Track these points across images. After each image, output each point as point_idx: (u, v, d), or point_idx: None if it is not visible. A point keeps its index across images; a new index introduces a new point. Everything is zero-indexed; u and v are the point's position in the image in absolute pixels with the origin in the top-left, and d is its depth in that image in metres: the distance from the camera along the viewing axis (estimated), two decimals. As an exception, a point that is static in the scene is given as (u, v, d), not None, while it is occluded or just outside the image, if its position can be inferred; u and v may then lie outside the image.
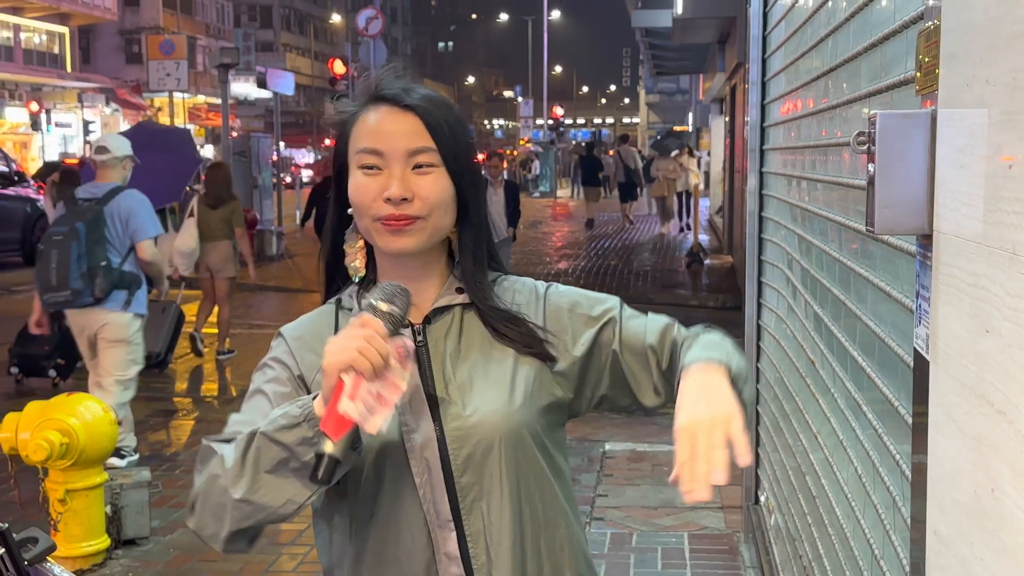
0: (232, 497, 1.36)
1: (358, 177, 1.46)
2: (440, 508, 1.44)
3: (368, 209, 1.45)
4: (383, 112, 1.47)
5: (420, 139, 1.45)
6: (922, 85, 1.50)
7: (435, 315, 1.51)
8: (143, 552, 4.55)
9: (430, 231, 1.46)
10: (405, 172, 1.44)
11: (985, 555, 1.19)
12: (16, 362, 7.52)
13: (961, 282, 1.27)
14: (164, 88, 16.90)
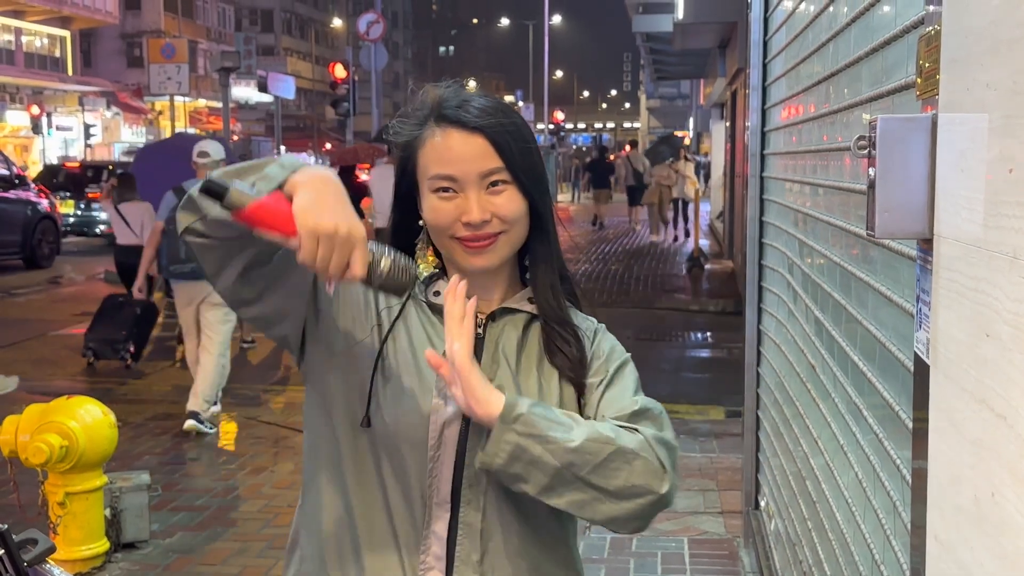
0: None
1: (433, 201, 1.49)
2: (443, 487, 1.46)
3: (447, 230, 1.49)
4: (450, 135, 1.48)
5: (491, 160, 1.48)
6: (923, 90, 1.50)
7: (501, 314, 1.54)
8: (142, 556, 4.55)
9: (509, 246, 1.51)
10: (480, 194, 1.47)
11: (985, 560, 1.19)
12: (91, 346, 8.44)
13: (962, 286, 1.27)
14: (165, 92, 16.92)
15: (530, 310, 1.54)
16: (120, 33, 47.34)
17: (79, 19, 40.76)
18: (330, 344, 1.50)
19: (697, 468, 5.71)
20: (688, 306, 11.96)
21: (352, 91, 20.51)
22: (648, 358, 9.19)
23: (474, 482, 1.45)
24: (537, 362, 1.52)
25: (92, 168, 20.17)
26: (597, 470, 1.37)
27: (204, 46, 50.40)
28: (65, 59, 41.27)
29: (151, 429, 6.66)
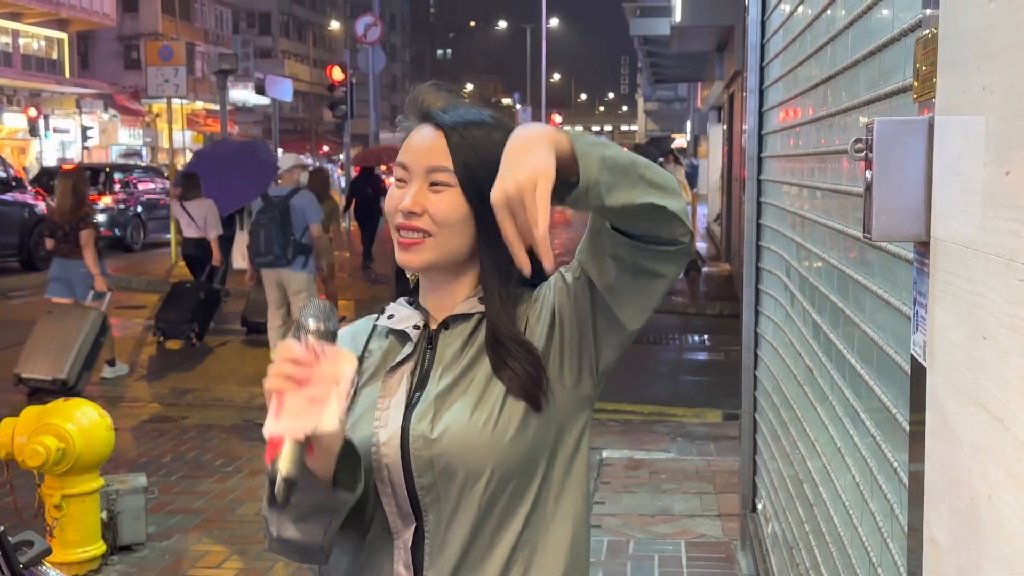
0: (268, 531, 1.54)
1: (391, 188, 1.54)
2: (400, 501, 1.47)
3: (392, 217, 1.51)
4: (420, 128, 1.53)
5: (438, 158, 1.48)
6: (919, 93, 1.50)
7: (453, 321, 1.53)
8: (139, 558, 4.54)
9: (438, 250, 1.49)
10: (422, 187, 1.49)
11: (982, 563, 1.19)
12: (160, 327, 9.47)
13: (958, 289, 1.27)
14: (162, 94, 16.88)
15: (480, 310, 1.52)
16: (117, 35, 47.30)
17: (76, 21, 40.73)
18: None
19: (694, 471, 5.71)
20: (685, 309, 11.96)
21: (350, 94, 20.51)
22: (645, 361, 9.19)
23: (428, 490, 1.45)
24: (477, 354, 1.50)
25: (89, 170, 20.13)
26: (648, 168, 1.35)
27: (202, 48, 50.39)
28: (62, 61, 41.24)
29: (148, 432, 6.65)
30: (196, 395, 7.84)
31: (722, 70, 16.33)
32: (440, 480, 1.45)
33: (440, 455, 1.44)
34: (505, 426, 1.45)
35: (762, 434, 4.16)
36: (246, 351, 9.57)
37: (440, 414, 1.46)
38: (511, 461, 1.45)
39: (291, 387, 1.32)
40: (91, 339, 7.50)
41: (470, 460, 1.44)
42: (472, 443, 1.44)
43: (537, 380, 1.47)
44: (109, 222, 18.88)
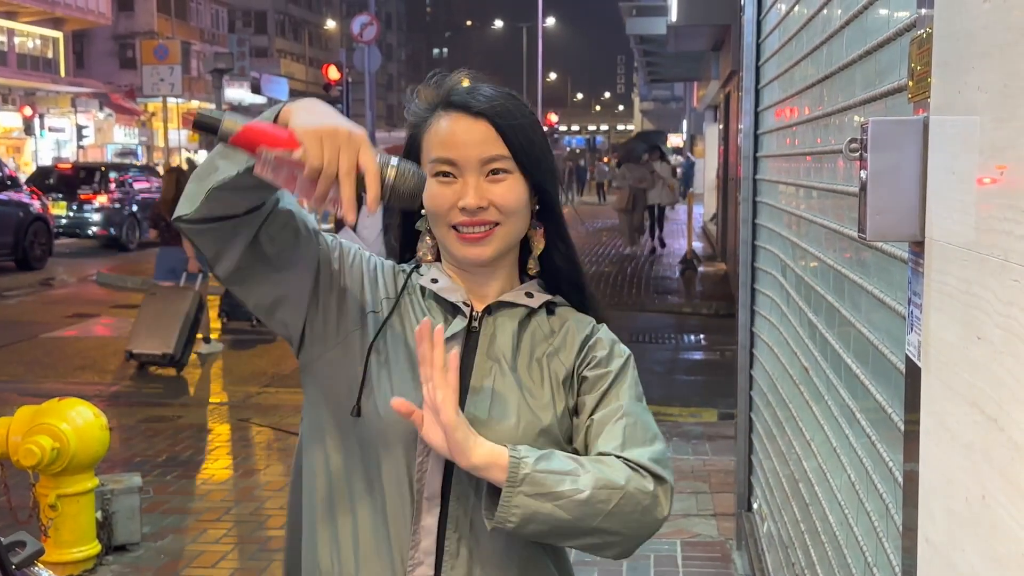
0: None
1: (432, 186, 1.47)
2: (432, 481, 1.44)
3: (444, 217, 1.47)
4: (454, 119, 1.48)
5: (493, 147, 1.46)
6: (914, 93, 1.50)
7: (496, 308, 1.52)
8: (134, 558, 4.54)
9: (505, 238, 1.48)
10: (479, 181, 1.46)
11: (976, 563, 1.19)
12: (225, 309, 10.05)
13: (953, 289, 1.27)
14: (158, 93, 16.89)
15: (528, 304, 1.52)
16: (113, 34, 47.23)
17: (72, 20, 40.66)
18: (328, 330, 1.49)
19: (690, 470, 5.71)
20: (681, 308, 11.96)
21: (346, 93, 20.50)
22: (641, 360, 9.13)
23: (464, 477, 1.43)
24: (531, 359, 1.50)
25: (85, 170, 20.11)
26: (609, 518, 1.36)
27: (197, 47, 50.32)
28: (58, 60, 41.17)
29: (143, 431, 6.64)
30: (191, 395, 7.83)
31: (718, 70, 16.34)
32: None
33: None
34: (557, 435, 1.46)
35: (758, 434, 4.16)
36: (240, 351, 9.56)
37: (496, 402, 1.45)
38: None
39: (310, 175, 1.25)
40: (192, 317, 8.38)
41: None
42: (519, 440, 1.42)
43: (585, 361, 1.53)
44: (104, 221, 18.86)
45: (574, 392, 1.51)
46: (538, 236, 1.55)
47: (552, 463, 1.36)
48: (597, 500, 1.35)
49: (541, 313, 1.54)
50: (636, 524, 1.38)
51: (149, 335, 8.27)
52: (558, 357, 1.51)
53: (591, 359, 1.51)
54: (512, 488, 1.33)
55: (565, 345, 1.52)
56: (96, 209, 18.85)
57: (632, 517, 1.37)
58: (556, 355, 1.51)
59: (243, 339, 10.07)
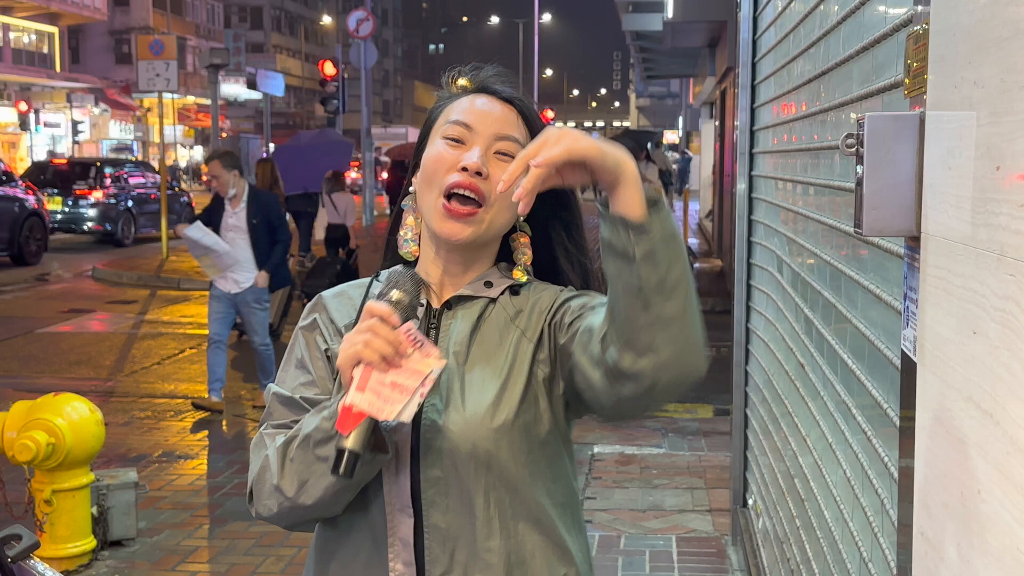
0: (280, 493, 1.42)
1: (438, 146, 1.46)
2: (402, 492, 1.43)
3: (440, 178, 1.44)
4: (481, 97, 1.50)
5: (512, 128, 1.47)
6: (911, 88, 1.50)
7: (456, 302, 1.50)
8: (129, 553, 4.54)
9: (487, 224, 1.45)
10: (488, 151, 1.45)
11: (972, 557, 1.19)
12: (305, 292, 10.11)
13: (949, 284, 1.27)
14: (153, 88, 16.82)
15: (487, 294, 1.50)
16: (108, 29, 47.15)
17: (67, 15, 40.59)
18: None
19: (685, 466, 5.72)
20: (677, 305, 11.96)
21: (342, 89, 20.47)
22: (637, 356, 9.19)
23: (434, 483, 1.41)
24: (495, 348, 1.47)
25: (80, 165, 20.06)
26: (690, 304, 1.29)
27: (193, 43, 50.24)
28: (53, 55, 41.09)
29: (138, 426, 6.64)
30: (187, 391, 7.82)
31: (714, 66, 16.33)
32: (448, 472, 1.41)
33: (451, 446, 1.40)
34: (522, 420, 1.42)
35: (753, 430, 4.16)
36: (237, 346, 9.54)
37: (455, 402, 1.42)
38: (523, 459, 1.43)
39: (383, 367, 1.32)
40: (287, 292, 9.21)
41: (482, 453, 1.40)
42: (486, 435, 1.40)
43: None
44: (100, 217, 18.81)
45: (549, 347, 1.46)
46: (523, 244, 1.53)
47: None
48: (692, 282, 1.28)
49: (504, 298, 1.51)
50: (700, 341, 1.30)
51: None
52: (525, 336, 1.47)
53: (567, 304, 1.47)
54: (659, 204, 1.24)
55: (532, 317, 1.48)
56: (91, 204, 18.81)
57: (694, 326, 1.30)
58: (523, 334, 1.47)
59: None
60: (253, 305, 6.87)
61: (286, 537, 4.63)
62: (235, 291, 6.82)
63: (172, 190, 20.38)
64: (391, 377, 1.32)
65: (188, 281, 13.72)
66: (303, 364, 1.52)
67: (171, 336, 10.06)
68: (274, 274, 6.94)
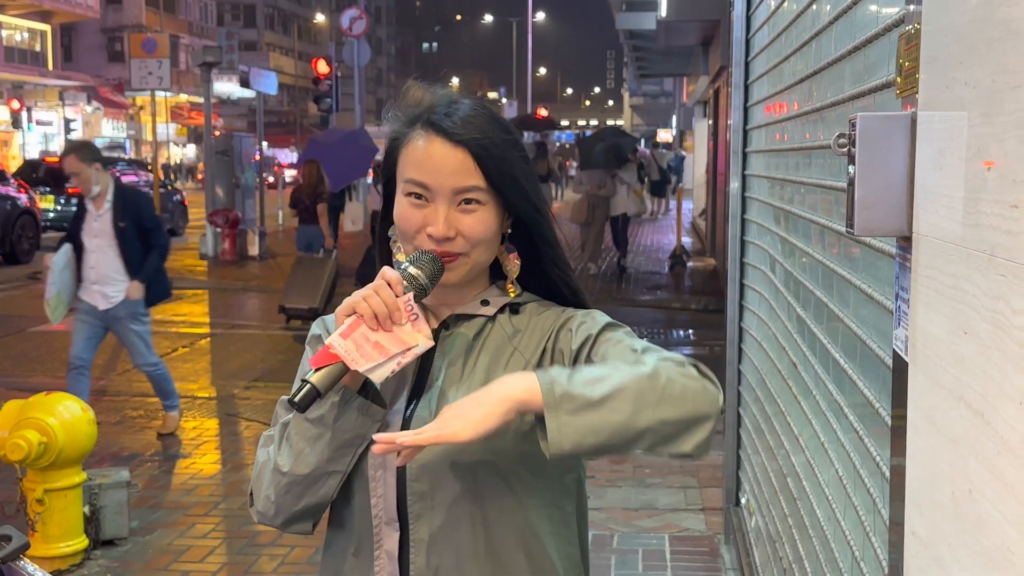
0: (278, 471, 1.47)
1: (404, 205, 1.47)
2: (388, 504, 1.45)
3: (412, 239, 1.47)
4: (433, 143, 1.44)
5: (468, 177, 1.44)
6: (902, 88, 1.50)
7: (454, 321, 1.51)
8: (121, 553, 4.53)
9: (471, 266, 1.47)
10: (450, 210, 1.44)
11: (962, 556, 1.19)
12: (358, 280, 10.58)
13: (940, 284, 1.28)
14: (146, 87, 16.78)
15: (483, 313, 1.51)
16: (101, 28, 47.04)
17: (60, 13, 40.48)
18: None
19: (678, 465, 5.72)
20: (670, 304, 11.98)
21: (335, 87, 20.44)
22: (630, 355, 9.19)
23: (420, 497, 1.43)
24: (490, 365, 1.47)
25: (72, 163, 19.99)
26: (661, 404, 1.27)
27: (186, 41, 50.15)
28: (45, 53, 40.97)
29: (131, 426, 6.63)
30: (180, 389, 7.81)
31: (707, 65, 16.35)
32: (434, 488, 1.42)
33: (436, 462, 1.41)
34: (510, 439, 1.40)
35: (746, 428, 4.17)
36: (229, 345, 9.54)
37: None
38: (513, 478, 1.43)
39: (373, 324, 1.37)
40: (332, 280, 10.29)
41: (466, 471, 1.41)
42: (471, 453, 1.40)
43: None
44: (92, 215, 18.75)
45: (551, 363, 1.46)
46: (511, 260, 1.54)
47: (582, 374, 1.29)
48: (642, 391, 1.27)
49: (503, 317, 1.51)
50: (691, 402, 1.29)
51: (299, 294, 10.20)
52: (520, 353, 1.48)
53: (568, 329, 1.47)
54: (553, 413, 1.26)
55: (530, 338, 1.49)
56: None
57: (684, 396, 1.29)
58: (519, 352, 1.48)
59: (232, 334, 10.05)
60: (127, 321, 5.94)
61: (279, 536, 4.63)
62: (104, 307, 5.88)
63: (165, 188, 20.34)
64: (377, 337, 1.37)
65: (180, 280, 13.70)
66: None
67: (163, 335, 10.05)
68: (151, 284, 5.98)
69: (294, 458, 1.44)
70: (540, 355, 1.48)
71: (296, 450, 1.44)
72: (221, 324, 10.51)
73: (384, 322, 1.37)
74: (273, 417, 1.56)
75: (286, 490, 1.46)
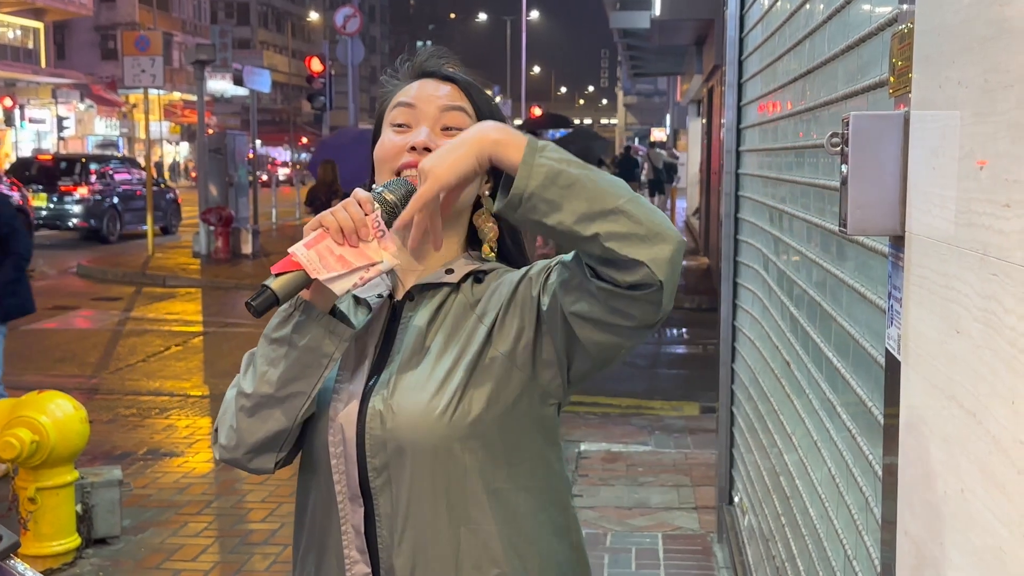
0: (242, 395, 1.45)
1: (387, 135, 1.50)
2: (351, 480, 1.45)
3: (390, 162, 1.48)
4: (423, 82, 1.52)
5: (455, 99, 1.50)
6: (895, 87, 1.50)
7: (419, 292, 1.50)
8: (113, 551, 4.52)
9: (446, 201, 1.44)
10: (435, 126, 1.48)
11: (954, 555, 1.20)
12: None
13: (932, 283, 1.28)
14: (139, 84, 16.75)
15: (447, 280, 1.49)
16: (94, 25, 46.92)
17: (53, 11, 40.36)
18: None
19: (671, 464, 5.73)
20: (664, 302, 11.98)
21: (329, 85, 20.40)
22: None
23: (380, 471, 1.42)
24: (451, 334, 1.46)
25: (65, 161, 19.97)
26: (632, 202, 1.27)
27: (179, 39, 50.05)
28: (38, 51, 40.86)
29: (123, 424, 6.61)
30: (172, 388, 7.80)
31: (701, 64, 16.36)
32: (392, 462, 1.41)
33: (393, 436, 1.41)
34: (467, 410, 1.40)
35: (739, 427, 4.17)
36: (222, 344, 9.53)
37: (400, 393, 1.42)
38: (472, 447, 1.41)
39: (338, 238, 1.36)
40: None
41: (424, 444, 1.40)
42: (428, 426, 1.40)
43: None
44: (85, 213, 18.74)
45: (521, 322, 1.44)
46: (487, 222, 1.53)
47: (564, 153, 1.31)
48: (621, 185, 1.29)
49: (466, 285, 1.50)
50: (661, 221, 1.28)
51: None
52: (481, 322, 1.46)
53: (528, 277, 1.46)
54: (532, 152, 1.27)
55: (493, 304, 1.47)
56: (76, 201, 18.73)
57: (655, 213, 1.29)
58: (480, 321, 1.46)
59: (225, 332, 10.03)
60: None
61: (271, 535, 4.62)
62: None
63: (158, 186, 20.30)
64: (341, 251, 1.36)
65: (173, 278, 13.68)
66: None
67: (156, 333, 10.03)
68: (4, 296, 5.27)
69: (258, 379, 1.43)
70: (496, 315, 1.45)
71: (260, 371, 1.43)
72: (214, 322, 10.49)
73: (350, 236, 1.35)
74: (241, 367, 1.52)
75: (249, 413, 1.44)
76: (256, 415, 1.44)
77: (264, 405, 1.43)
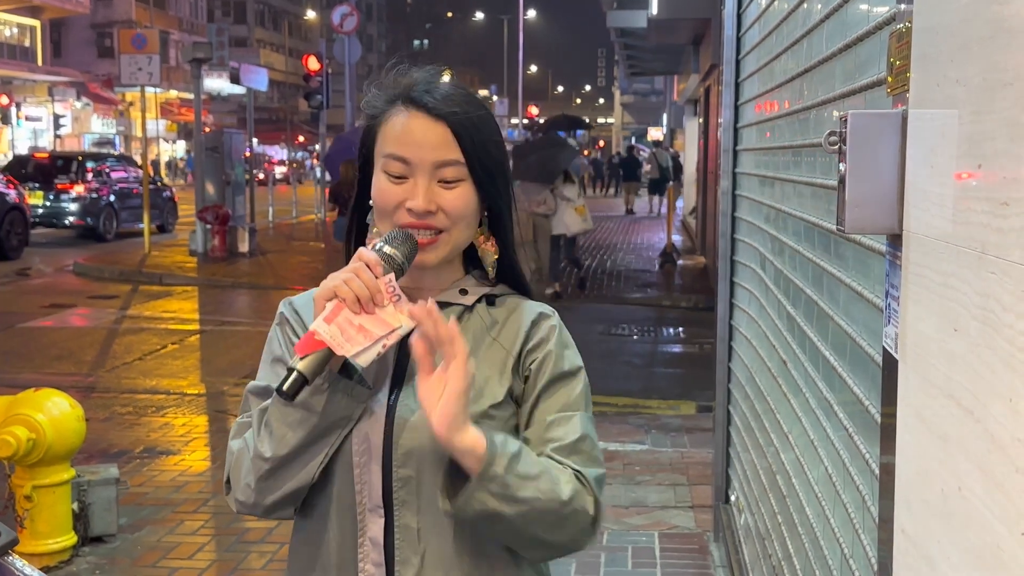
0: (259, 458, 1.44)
1: (382, 181, 1.47)
2: (373, 492, 1.44)
3: (391, 215, 1.46)
4: (413, 118, 1.46)
5: (448, 151, 1.44)
6: (893, 86, 1.50)
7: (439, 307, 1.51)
8: (110, 549, 4.51)
9: (451, 245, 1.47)
10: (431, 184, 1.44)
11: (952, 554, 1.20)
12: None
13: (930, 281, 1.28)
14: (136, 83, 16.72)
15: (462, 302, 1.51)
16: (91, 23, 46.86)
17: (49, 9, 40.30)
18: None
19: (668, 463, 5.73)
20: (660, 301, 11.98)
21: (325, 84, 20.38)
22: (620, 353, 9.21)
23: (405, 483, 1.42)
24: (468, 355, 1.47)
25: (62, 159, 19.93)
26: (552, 530, 1.41)
27: (176, 37, 49.99)
28: (35, 49, 40.80)
29: (119, 422, 6.61)
30: (168, 386, 7.79)
31: (698, 63, 16.37)
32: (421, 473, 1.42)
33: (423, 446, 1.41)
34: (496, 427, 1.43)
35: (736, 426, 4.17)
36: (218, 342, 9.52)
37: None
38: None
39: (355, 308, 1.36)
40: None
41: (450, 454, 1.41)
42: None
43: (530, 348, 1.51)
44: (81, 211, 18.71)
45: (520, 375, 1.49)
46: (488, 245, 1.54)
47: (521, 464, 1.36)
48: (548, 511, 1.38)
49: (481, 307, 1.52)
50: (577, 539, 1.45)
51: None
52: (500, 344, 1.49)
53: (537, 341, 1.49)
54: (480, 484, 1.33)
55: (508, 331, 1.50)
56: (73, 199, 18.70)
57: (571, 534, 1.43)
58: (497, 343, 1.49)
59: (221, 330, 10.02)
60: None
61: (268, 533, 4.62)
62: None
63: (154, 185, 20.28)
64: (360, 320, 1.36)
65: (170, 276, 13.67)
66: (280, 359, 1.55)
67: (153, 331, 10.02)
68: None
69: (276, 443, 1.42)
70: (517, 353, 1.49)
71: (278, 435, 1.42)
72: (211, 321, 10.48)
73: (367, 305, 1.36)
74: (242, 404, 1.54)
75: (268, 475, 1.44)
76: (275, 477, 1.45)
77: (283, 466, 1.44)
